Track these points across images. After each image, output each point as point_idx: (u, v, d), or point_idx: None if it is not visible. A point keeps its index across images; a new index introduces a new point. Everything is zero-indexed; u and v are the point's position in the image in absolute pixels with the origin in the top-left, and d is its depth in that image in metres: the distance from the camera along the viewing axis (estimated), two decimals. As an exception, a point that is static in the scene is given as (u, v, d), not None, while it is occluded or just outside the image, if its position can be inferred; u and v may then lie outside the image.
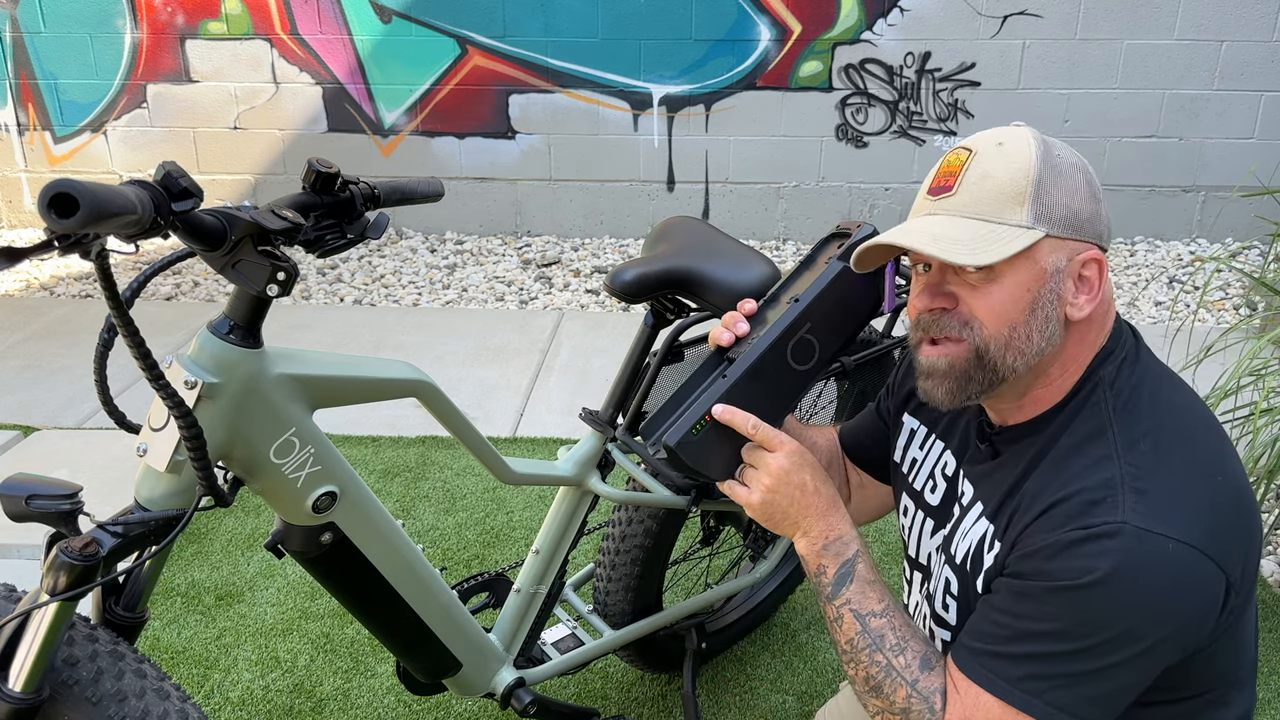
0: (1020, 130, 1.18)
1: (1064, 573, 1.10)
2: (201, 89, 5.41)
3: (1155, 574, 1.07)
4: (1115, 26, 5.01)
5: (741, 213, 5.45)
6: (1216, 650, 1.17)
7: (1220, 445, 1.18)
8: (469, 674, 1.87)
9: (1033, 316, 1.15)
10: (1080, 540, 1.10)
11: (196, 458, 1.24)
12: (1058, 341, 1.17)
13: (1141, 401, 1.17)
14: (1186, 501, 1.10)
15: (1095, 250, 1.15)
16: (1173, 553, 1.07)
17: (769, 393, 1.35)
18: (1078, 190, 1.14)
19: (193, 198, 1.10)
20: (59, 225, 0.96)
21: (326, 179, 1.39)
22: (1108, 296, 1.20)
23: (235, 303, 1.31)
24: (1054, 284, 1.15)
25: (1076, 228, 1.14)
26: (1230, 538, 1.11)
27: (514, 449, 3.40)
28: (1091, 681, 1.11)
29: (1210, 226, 5.33)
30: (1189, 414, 1.18)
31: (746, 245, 1.86)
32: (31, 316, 4.52)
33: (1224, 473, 1.14)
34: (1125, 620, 1.09)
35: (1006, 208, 1.13)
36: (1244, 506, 1.14)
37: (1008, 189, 1.13)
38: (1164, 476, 1.12)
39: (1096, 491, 1.12)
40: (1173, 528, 1.08)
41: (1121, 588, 1.07)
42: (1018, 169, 1.13)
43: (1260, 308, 2.75)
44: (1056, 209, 1.13)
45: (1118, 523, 1.08)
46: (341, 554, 1.56)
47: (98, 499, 1.45)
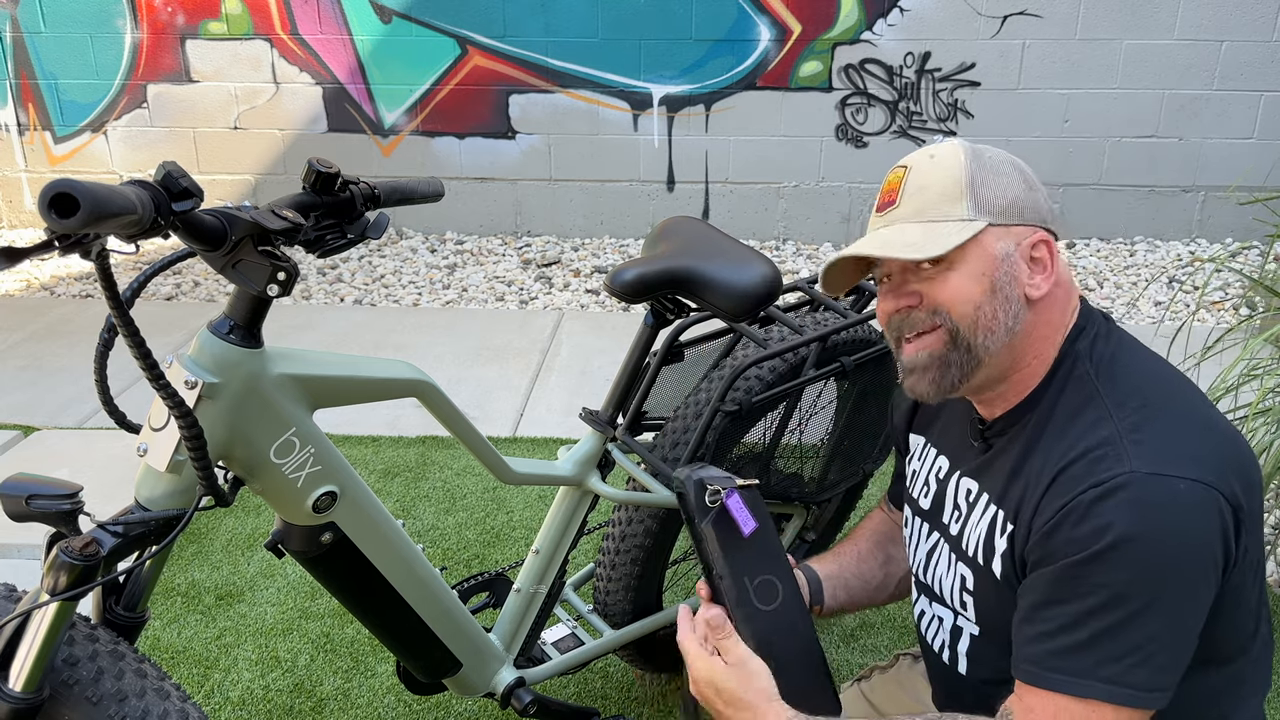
0: (949, 142, 1.28)
1: (1091, 536, 1.11)
2: (202, 89, 5.41)
3: (1177, 515, 1.10)
4: (1115, 26, 5.01)
5: (741, 213, 5.45)
6: (1225, 605, 1.18)
7: (1203, 400, 1.23)
8: (469, 674, 1.87)
9: (994, 297, 1.22)
10: (1096, 499, 1.12)
11: (197, 458, 1.24)
12: (1024, 319, 1.23)
13: (1121, 367, 1.23)
14: (1184, 445, 1.14)
15: (1042, 233, 1.24)
16: (1185, 491, 1.10)
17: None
18: (1012, 182, 1.23)
19: (193, 198, 1.10)
20: (59, 225, 0.96)
21: (326, 179, 1.39)
22: (1065, 277, 1.26)
23: (235, 303, 1.32)
24: (1007, 267, 1.22)
25: (1018, 214, 1.23)
26: (1231, 476, 1.14)
27: (514, 449, 3.40)
28: (1162, 642, 1.11)
29: (1210, 226, 5.33)
30: (1167, 375, 1.24)
31: (747, 245, 1.86)
32: (31, 316, 4.52)
33: (1210, 420, 1.20)
34: (1168, 566, 1.10)
35: (948, 206, 1.22)
36: (1240, 451, 1.19)
37: (947, 190, 1.23)
38: (1158, 427, 1.16)
39: (1099, 449, 1.15)
40: (1180, 468, 1.11)
41: (1152, 535, 1.09)
42: (951, 172, 1.23)
43: (1260, 308, 2.75)
44: (995, 200, 1.22)
45: (1125, 473, 1.11)
46: (342, 554, 1.56)
47: (98, 499, 1.45)
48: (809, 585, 1.56)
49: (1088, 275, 4.99)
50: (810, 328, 2.04)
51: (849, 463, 2.24)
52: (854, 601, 1.61)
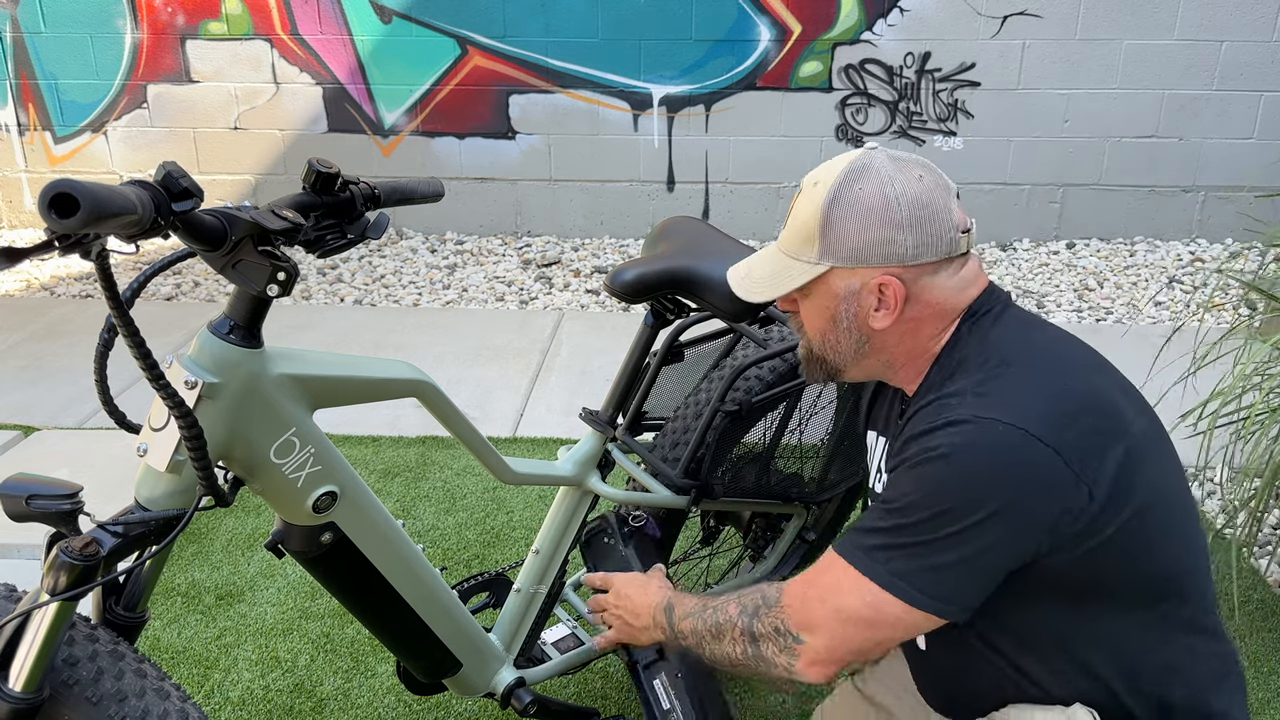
0: (838, 165, 1.34)
1: (912, 455, 1.29)
2: (202, 89, 5.41)
3: (983, 450, 1.24)
4: (1115, 26, 5.01)
5: (741, 213, 5.45)
6: (1115, 550, 1.28)
7: (1084, 371, 1.33)
8: (469, 674, 1.87)
9: (835, 327, 1.38)
10: (926, 430, 1.29)
11: (197, 458, 1.24)
12: (872, 342, 1.38)
13: (996, 338, 1.35)
14: (1021, 397, 1.27)
15: (887, 276, 1.32)
16: (1001, 432, 1.23)
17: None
18: (867, 224, 1.30)
19: (193, 198, 1.10)
20: (59, 225, 0.96)
21: (327, 179, 1.39)
22: (935, 298, 1.35)
23: (235, 303, 1.32)
24: (849, 304, 1.35)
25: (863, 259, 1.31)
26: (1074, 430, 1.25)
27: (514, 449, 3.40)
28: (932, 552, 1.26)
29: (1210, 227, 5.33)
30: (1039, 346, 1.35)
31: (747, 245, 1.86)
32: (31, 316, 4.52)
33: (1075, 380, 1.30)
34: (959, 493, 1.24)
35: (803, 245, 1.35)
36: (1097, 409, 1.28)
37: (804, 230, 1.34)
38: (1005, 382, 1.29)
39: (948, 399, 1.31)
40: (1003, 414, 1.24)
41: (954, 462, 1.25)
42: (812, 211, 1.33)
43: (1260, 308, 2.75)
44: (843, 245, 1.32)
45: (958, 417, 1.27)
46: (342, 554, 1.56)
47: (98, 499, 1.45)
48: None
49: (1088, 275, 4.99)
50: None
51: (849, 463, 2.25)
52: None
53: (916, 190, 1.31)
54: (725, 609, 1.48)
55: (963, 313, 1.37)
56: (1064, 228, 5.38)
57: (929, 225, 1.31)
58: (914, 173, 1.32)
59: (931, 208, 1.31)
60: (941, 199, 1.32)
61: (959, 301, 1.36)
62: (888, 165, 1.32)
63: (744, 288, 1.44)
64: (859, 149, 1.37)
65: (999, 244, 5.40)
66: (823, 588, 1.36)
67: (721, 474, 2.02)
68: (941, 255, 1.32)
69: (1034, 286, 4.89)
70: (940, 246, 1.32)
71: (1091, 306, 4.66)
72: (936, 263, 1.33)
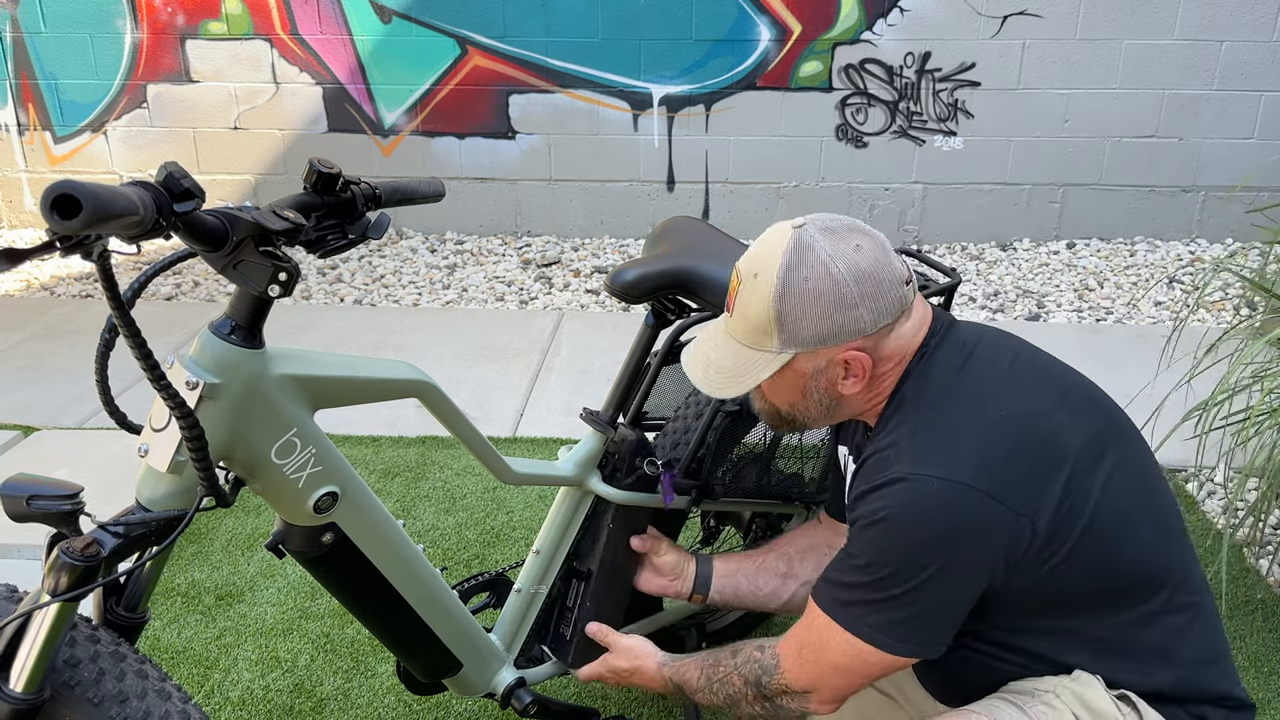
0: (775, 252, 1.35)
1: (862, 516, 1.36)
2: (202, 89, 5.41)
3: (921, 511, 1.30)
4: (1115, 26, 5.01)
5: (741, 213, 5.45)
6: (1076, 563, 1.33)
7: (1017, 396, 1.37)
8: (469, 674, 1.87)
9: (805, 399, 1.43)
10: (870, 489, 1.35)
11: (198, 458, 1.24)
12: (842, 403, 1.43)
13: (935, 374, 1.40)
14: (955, 444, 1.32)
15: (850, 351, 1.36)
16: (937, 489, 1.29)
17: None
18: (823, 310, 1.33)
19: (194, 198, 1.10)
20: (61, 227, 0.96)
21: (328, 179, 1.39)
22: (894, 351, 1.39)
23: (237, 303, 1.32)
24: (817, 379, 1.40)
25: (823, 341, 1.35)
26: (1009, 469, 1.31)
27: (514, 449, 3.40)
28: (898, 607, 1.34)
29: (1210, 227, 5.33)
30: (983, 372, 1.40)
31: (747, 245, 1.86)
32: (31, 316, 4.52)
33: (1009, 410, 1.35)
34: (904, 555, 1.32)
35: (760, 338, 1.38)
36: (1033, 439, 1.33)
37: (758, 324, 1.37)
38: (938, 429, 1.35)
39: (887, 451, 1.37)
40: (940, 468, 1.30)
41: (896, 526, 1.31)
42: (763, 306, 1.35)
43: (1261, 308, 2.76)
44: (802, 334, 1.35)
45: (896, 475, 1.33)
46: (342, 554, 1.57)
47: (99, 499, 1.45)
48: (698, 577, 1.90)
49: (1088, 275, 4.99)
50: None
51: (849, 463, 2.24)
52: (740, 602, 1.90)
53: (859, 262, 1.33)
54: (731, 681, 1.58)
55: (915, 353, 1.41)
56: (1064, 228, 5.38)
57: (880, 294, 1.34)
58: (851, 242, 1.34)
59: (877, 275, 1.34)
60: (883, 260, 1.35)
61: (913, 345, 1.41)
62: (825, 242, 1.34)
63: (708, 383, 1.45)
64: (787, 225, 1.37)
65: (999, 244, 5.40)
66: (813, 647, 1.45)
67: (722, 474, 2.02)
68: (895, 316, 1.36)
69: (1034, 286, 4.89)
70: (893, 309, 1.36)
71: (1091, 306, 4.66)
72: (892, 322, 1.37)
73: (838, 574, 1.41)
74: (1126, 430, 1.45)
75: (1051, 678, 1.41)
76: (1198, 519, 2.98)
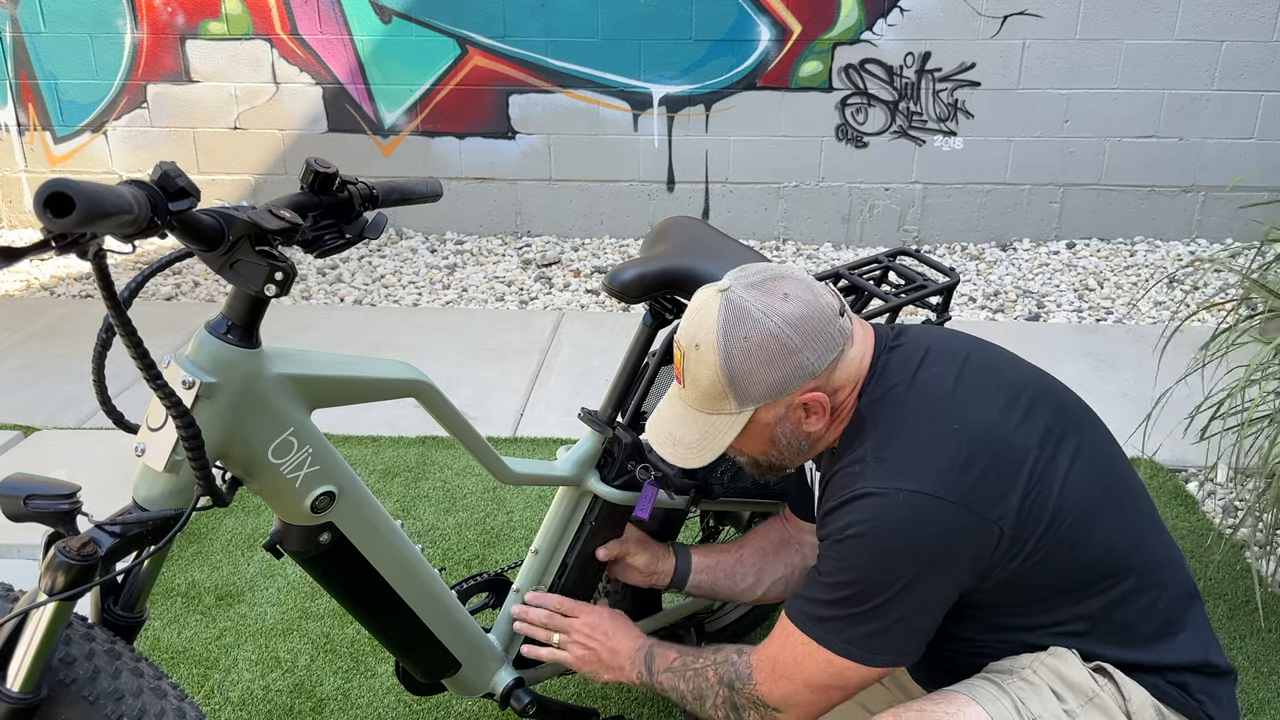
0: (709, 321, 1.38)
1: (832, 532, 1.39)
2: (201, 89, 5.41)
3: (892, 524, 1.34)
4: (1115, 26, 5.01)
5: (741, 213, 5.45)
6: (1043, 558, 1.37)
7: (971, 403, 1.40)
8: (468, 674, 1.87)
9: (774, 445, 1.47)
10: (839, 505, 1.39)
11: (194, 457, 1.24)
12: (810, 442, 1.47)
13: (889, 387, 1.43)
14: (917, 455, 1.36)
15: (805, 394, 1.40)
16: (904, 501, 1.33)
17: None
18: (769, 363, 1.37)
19: (189, 197, 1.10)
20: (55, 225, 0.96)
21: (324, 179, 1.40)
22: (846, 379, 1.43)
23: (233, 303, 1.32)
24: (781, 426, 1.44)
25: (777, 392, 1.39)
26: (972, 476, 1.34)
27: (514, 449, 3.40)
28: (873, 618, 1.37)
29: (1210, 226, 5.33)
30: (935, 381, 1.43)
31: (745, 245, 1.86)
32: (31, 316, 4.52)
33: (965, 417, 1.38)
34: (878, 568, 1.35)
35: (718, 402, 1.41)
36: (991, 446, 1.37)
37: (712, 390, 1.40)
38: (900, 441, 1.38)
39: (851, 467, 1.41)
40: (904, 481, 1.34)
41: (868, 540, 1.35)
42: (711, 372, 1.39)
43: (1261, 308, 2.76)
44: (756, 389, 1.38)
45: (863, 489, 1.36)
46: (340, 554, 1.57)
47: (98, 499, 1.45)
48: (677, 571, 1.91)
49: (1088, 275, 4.99)
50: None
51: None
52: (715, 595, 1.95)
53: (791, 310, 1.37)
54: (705, 674, 1.60)
55: (866, 373, 1.45)
56: (1064, 228, 5.38)
57: (818, 333, 1.38)
58: (778, 292, 1.38)
59: (811, 316, 1.38)
60: (813, 301, 1.38)
61: (863, 368, 1.45)
62: (754, 298, 1.37)
63: (677, 455, 1.48)
64: (713, 290, 1.41)
65: (999, 244, 5.39)
66: (787, 664, 1.47)
67: (720, 474, 2.02)
68: (839, 349, 1.40)
69: (1034, 286, 4.89)
70: (835, 343, 1.40)
71: (1091, 306, 4.66)
72: (837, 355, 1.40)
73: (811, 591, 1.44)
74: (1082, 417, 1.49)
75: (1028, 655, 1.45)
76: (1198, 519, 2.97)
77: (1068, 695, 1.40)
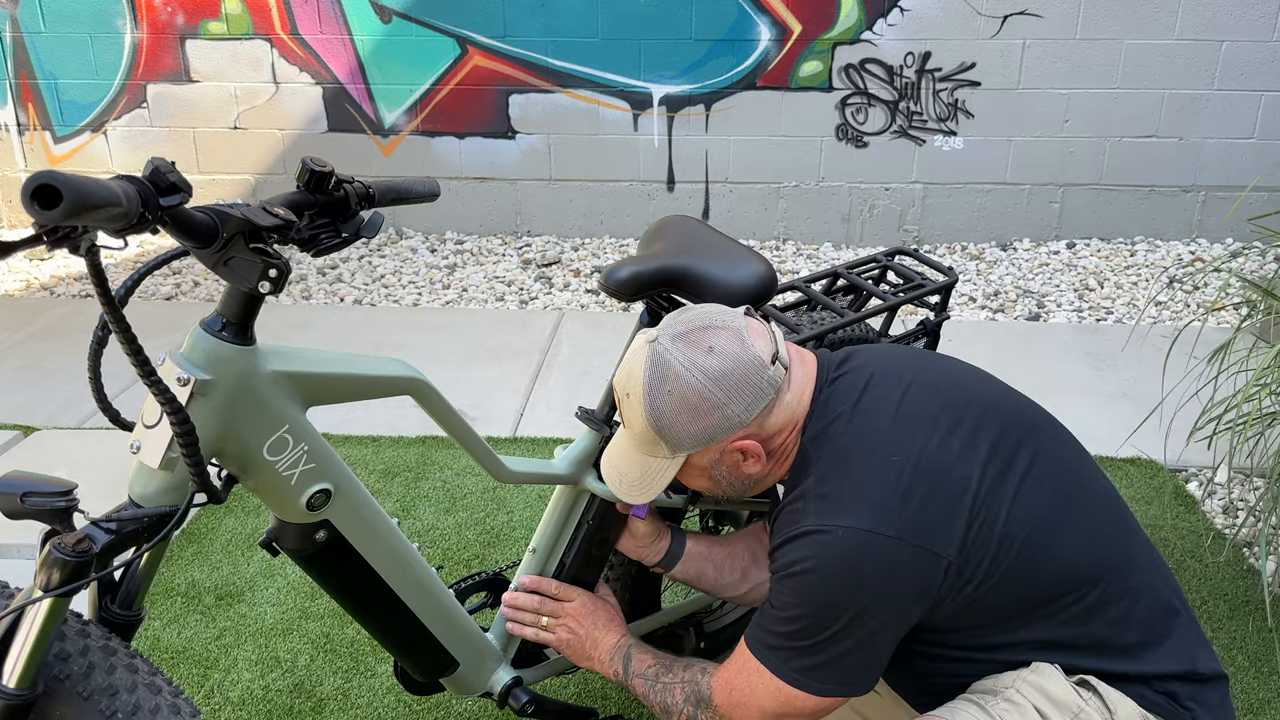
0: (637, 373, 1.42)
1: (779, 568, 1.41)
2: (201, 89, 5.41)
3: (833, 561, 1.35)
4: (1115, 26, 5.00)
5: (741, 213, 5.45)
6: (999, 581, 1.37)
7: (904, 433, 1.40)
8: (465, 673, 1.87)
9: (717, 484, 1.51)
10: (785, 541, 1.40)
11: (189, 454, 1.24)
12: (753, 481, 1.50)
13: (829, 430, 1.44)
14: (857, 490, 1.37)
15: (738, 441, 1.42)
16: (844, 538, 1.34)
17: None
18: (696, 417, 1.39)
19: (180, 193, 1.11)
20: (42, 216, 0.96)
21: (320, 178, 1.40)
22: (783, 422, 1.44)
23: (227, 300, 1.32)
24: (718, 468, 1.47)
25: (707, 440, 1.42)
26: (912, 508, 1.34)
27: (514, 449, 3.40)
28: (821, 650, 1.39)
29: (1210, 226, 5.32)
30: (875, 410, 1.43)
31: (742, 244, 1.85)
32: (31, 316, 4.53)
33: (905, 448, 1.38)
34: (823, 604, 1.36)
35: (652, 447, 1.45)
36: (931, 476, 1.36)
37: (645, 436, 1.44)
38: (840, 477, 1.39)
39: (795, 504, 1.42)
40: (844, 518, 1.35)
41: (812, 577, 1.36)
42: (641, 421, 1.43)
43: (1261, 309, 2.75)
44: (683, 438, 1.42)
45: (807, 528, 1.37)
46: (336, 552, 1.57)
47: (99, 499, 1.45)
48: (669, 552, 1.89)
49: (1088, 275, 4.98)
50: (806, 327, 2.04)
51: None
52: (700, 584, 1.92)
53: (714, 365, 1.38)
54: (672, 691, 1.63)
55: (806, 412, 1.46)
56: (1064, 228, 5.37)
57: (743, 387, 1.39)
58: (703, 345, 1.39)
59: (736, 372, 1.38)
60: (739, 354, 1.39)
61: (800, 410, 1.46)
62: (678, 354, 1.39)
63: (623, 491, 1.53)
64: (644, 340, 1.44)
65: (999, 244, 5.39)
66: (742, 689, 1.50)
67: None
68: (769, 398, 1.41)
69: (1034, 286, 4.89)
70: (764, 394, 1.40)
71: (1091, 306, 4.65)
72: (769, 404, 1.41)
73: (764, 620, 1.46)
74: (1037, 428, 1.48)
75: (1011, 673, 1.44)
76: (1198, 519, 2.97)
77: (1052, 713, 1.39)
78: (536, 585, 1.89)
